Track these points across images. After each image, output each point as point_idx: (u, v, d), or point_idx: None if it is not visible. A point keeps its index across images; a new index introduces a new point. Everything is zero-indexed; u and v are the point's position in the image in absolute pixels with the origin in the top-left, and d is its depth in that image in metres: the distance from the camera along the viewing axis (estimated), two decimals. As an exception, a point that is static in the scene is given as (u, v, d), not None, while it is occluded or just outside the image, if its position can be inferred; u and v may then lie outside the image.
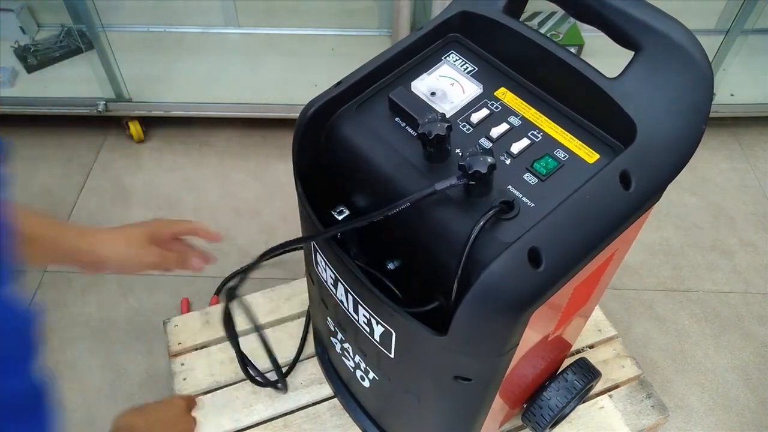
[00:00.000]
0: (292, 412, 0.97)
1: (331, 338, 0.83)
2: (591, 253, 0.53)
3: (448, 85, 0.61)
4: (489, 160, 0.49)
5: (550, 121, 0.58)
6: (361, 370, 0.79)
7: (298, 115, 0.61)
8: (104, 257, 0.68)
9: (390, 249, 0.63)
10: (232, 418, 0.96)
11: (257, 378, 0.96)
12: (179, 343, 1.05)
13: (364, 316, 0.64)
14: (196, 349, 1.05)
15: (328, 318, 0.79)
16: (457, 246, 0.51)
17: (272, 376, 0.96)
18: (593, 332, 1.08)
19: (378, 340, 0.65)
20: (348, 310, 0.67)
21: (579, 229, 0.51)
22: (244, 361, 0.93)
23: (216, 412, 0.97)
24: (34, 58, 1.76)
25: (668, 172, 0.55)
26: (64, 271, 1.51)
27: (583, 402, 0.98)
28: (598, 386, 0.99)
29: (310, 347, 1.04)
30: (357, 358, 0.78)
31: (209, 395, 0.99)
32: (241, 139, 1.80)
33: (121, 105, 1.69)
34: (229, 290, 0.69)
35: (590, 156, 0.56)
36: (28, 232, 0.58)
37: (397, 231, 0.58)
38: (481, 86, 0.61)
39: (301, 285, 1.12)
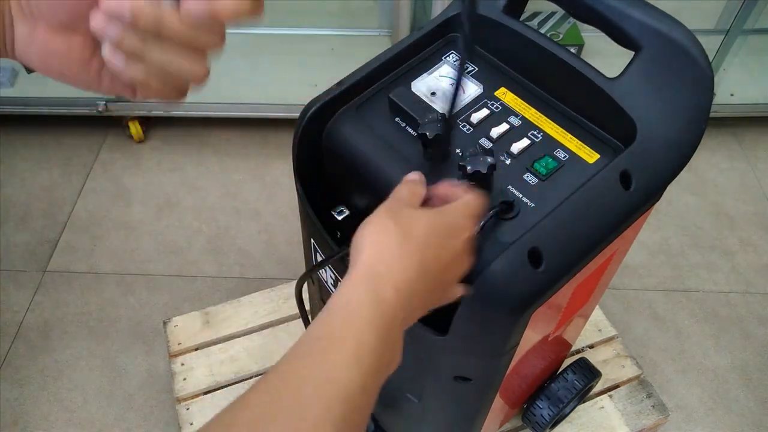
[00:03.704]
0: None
1: (331, 338, 0.83)
2: (591, 253, 0.53)
3: (448, 85, 0.61)
4: (489, 160, 0.49)
5: (550, 121, 0.58)
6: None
7: (298, 115, 0.61)
8: None
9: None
10: (232, 418, 0.96)
11: None
12: (179, 343, 1.05)
13: (364, 316, 0.64)
14: (196, 349, 1.05)
15: (328, 318, 0.79)
16: (457, 246, 0.51)
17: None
18: (593, 332, 1.08)
19: (378, 340, 0.65)
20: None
21: (579, 229, 0.51)
22: None
23: (216, 413, 0.97)
24: (34, 58, 1.76)
25: (668, 172, 0.55)
26: (64, 271, 1.51)
27: (583, 402, 0.98)
28: (598, 386, 0.99)
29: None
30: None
31: (209, 395, 0.99)
32: (241, 139, 1.80)
33: (121, 105, 1.69)
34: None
35: (590, 156, 0.56)
36: None
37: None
38: (482, 86, 0.61)
39: (301, 285, 1.12)
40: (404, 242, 0.41)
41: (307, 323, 0.79)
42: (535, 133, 0.58)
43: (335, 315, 0.38)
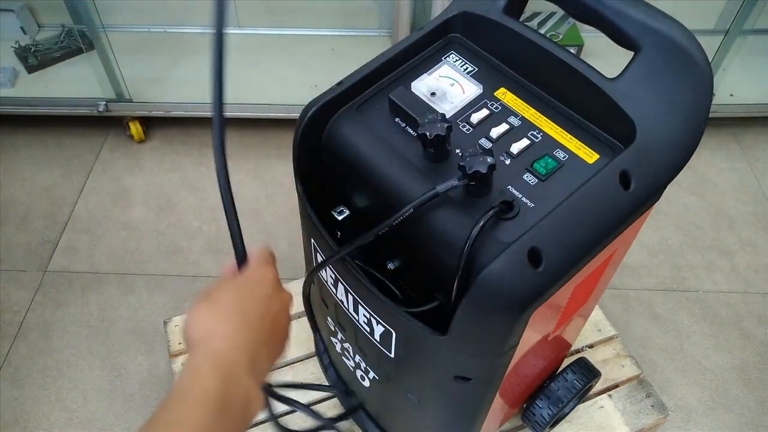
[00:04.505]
0: (292, 411, 0.97)
1: (332, 338, 0.83)
2: (590, 253, 0.53)
3: (448, 86, 0.62)
4: (489, 160, 0.49)
5: (549, 121, 0.58)
6: (362, 370, 0.79)
7: (298, 115, 0.61)
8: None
9: (390, 249, 0.63)
10: (233, 417, 0.96)
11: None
12: (179, 343, 1.06)
13: (364, 315, 0.64)
14: (197, 349, 1.05)
15: (329, 318, 0.79)
16: (457, 246, 0.51)
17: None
18: (593, 332, 1.08)
19: (378, 339, 0.65)
20: (348, 310, 0.68)
21: (579, 229, 0.51)
22: None
23: None
24: (35, 59, 1.76)
25: (668, 172, 0.55)
26: (64, 271, 1.51)
27: (583, 401, 0.99)
28: (598, 386, 0.99)
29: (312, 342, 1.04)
30: (357, 358, 0.78)
31: (209, 395, 0.99)
32: (241, 139, 1.80)
33: (122, 105, 1.70)
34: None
35: (590, 156, 0.56)
36: None
37: (398, 231, 0.58)
38: (481, 86, 0.61)
39: (301, 285, 1.12)
40: (226, 315, 0.47)
41: (313, 323, 0.79)
42: (535, 133, 0.58)
43: (183, 398, 0.42)
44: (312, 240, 0.67)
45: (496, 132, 0.58)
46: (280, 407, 0.98)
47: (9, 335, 1.39)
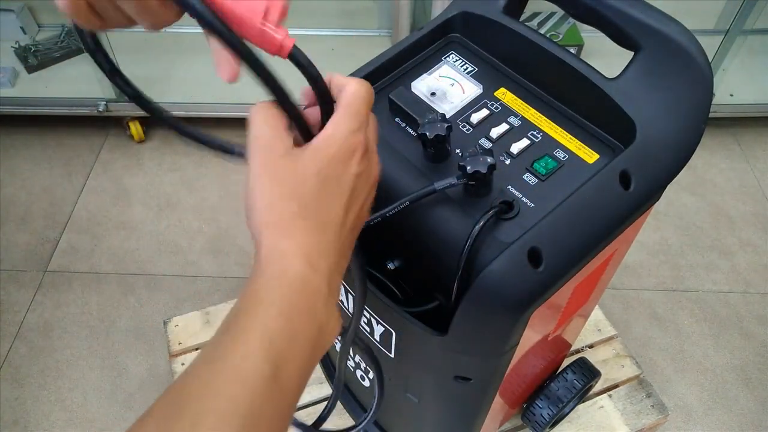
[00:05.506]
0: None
1: (332, 338, 0.83)
2: (591, 252, 0.53)
3: (448, 86, 0.62)
4: (489, 160, 0.49)
5: (549, 121, 0.58)
6: (362, 370, 0.79)
7: (298, 115, 0.61)
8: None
9: (390, 249, 0.63)
10: (233, 417, 0.96)
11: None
12: (179, 343, 1.06)
13: (364, 315, 0.64)
14: (197, 349, 1.05)
15: (329, 318, 0.79)
16: (457, 246, 0.51)
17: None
18: (593, 332, 1.08)
19: (378, 339, 0.65)
20: (348, 310, 0.68)
21: (579, 229, 0.51)
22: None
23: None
24: (35, 59, 1.76)
25: (668, 172, 0.55)
26: (64, 271, 1.51)
27: (583, 402, 0.99)
28: (598, 386, 0.99)
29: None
30: (357, 358, 0.78)
31: (209, 395, 0.99)
32: (241, 139, 1.80)
33: (122, 105, 1.70)
34: None
35: (590, 156, 0.56)
36: None
37: (398, 231, 0.58)
38: (481, 87, 0.61)
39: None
40: (298, 208, 0.36)
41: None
42: (535, 133, 0.58)
43: (242, 306, 0.34)
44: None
45: (496, 132, 0.58)
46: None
47: (9, 335, 1.39)
